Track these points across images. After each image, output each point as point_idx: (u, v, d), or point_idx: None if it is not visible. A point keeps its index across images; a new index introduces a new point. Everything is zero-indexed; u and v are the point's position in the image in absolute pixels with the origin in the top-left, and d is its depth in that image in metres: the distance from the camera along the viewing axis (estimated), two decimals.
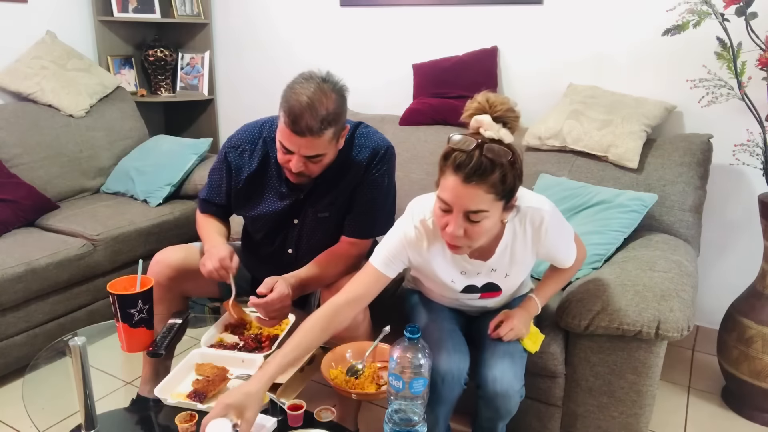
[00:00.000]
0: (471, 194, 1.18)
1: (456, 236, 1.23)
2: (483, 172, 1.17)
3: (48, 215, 2.48)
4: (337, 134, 1.45)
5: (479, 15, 2.54)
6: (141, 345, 1.46)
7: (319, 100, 1.36)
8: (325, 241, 1.63)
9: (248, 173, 1.61)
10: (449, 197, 1.21)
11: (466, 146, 1.18)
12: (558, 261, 1.50)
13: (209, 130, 3.45)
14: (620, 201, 1.90)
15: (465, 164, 1.17)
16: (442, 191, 1.23)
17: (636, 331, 1.49)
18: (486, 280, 1.46)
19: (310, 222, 1.63)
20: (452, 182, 1.19)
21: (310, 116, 1.35)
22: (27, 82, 2.69)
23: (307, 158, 1.44)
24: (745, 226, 2.25)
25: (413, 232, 1.38)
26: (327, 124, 1.38)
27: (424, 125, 2.52)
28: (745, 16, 1.77)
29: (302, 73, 1.44)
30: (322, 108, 1.36)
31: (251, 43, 3.20)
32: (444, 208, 1.24)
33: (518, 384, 1.40)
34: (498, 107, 1.23)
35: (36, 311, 2.11)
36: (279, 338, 1.51)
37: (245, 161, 1.62)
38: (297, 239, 1.66)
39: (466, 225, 1.22)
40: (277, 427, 1.24)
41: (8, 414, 1.92)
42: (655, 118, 2.12)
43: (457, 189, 1.19)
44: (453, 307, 1.63)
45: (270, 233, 1.68)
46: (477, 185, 1.17)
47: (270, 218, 1.64)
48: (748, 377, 1.90)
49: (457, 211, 1.21)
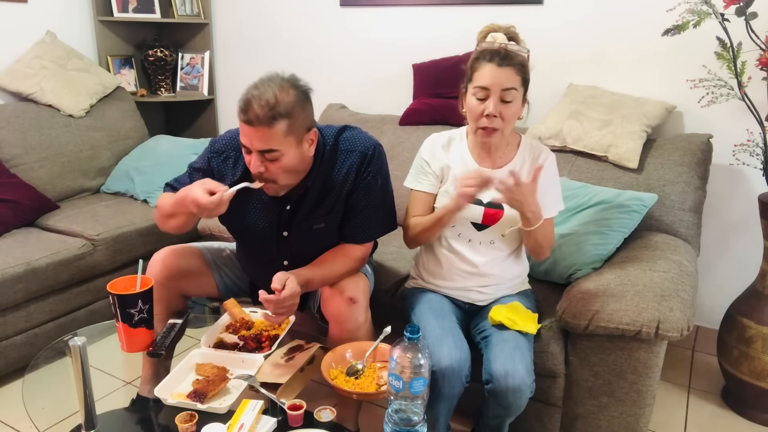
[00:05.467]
0: (506, 74, 1.45)
1: (493, 116, 1.46)
2: (512, 58, 1.46)
3: (48, 215, 2.48)
4: (295, 132, 1.40)
5: (479, 15, 2.54)
6: (141, 345, 1.46)
7: (271, 91, 1.36)
8: (322, 249, 1.61)
9: (231, 181, 1.54)
10: (487, 81, 1.46)
11: (495, 45, 1.48)
12: (543, 205, 1.52)
13: (209, 130, 3.45)
14: (620, 201, 1.90)
15: (496, 53, 1.46)
16: (478, 80, 1.47)
17: (636, 331, 1.49)
18: (492, 197, 1.55)
19: (304, 234, 1.59)
20: (488, 69, 1.46)
21: (259, 105, 1.35)
22: (27, 82, 2.69)
23: (263, 155, 1.40)
24: (745, 226, 2.25)
25: (427, 147, 1.66)
26: (279, 115, 1.35)
27: (424, 125, 2.52)
28: (745, 16, 1.77)
29: (267, 73, 1.45)
30: (273, 98, 1.35)
31: (251, 43, 3.20)
32: (480, 96, 1.48)
33: (530, 378, 1.41)
34: (505, 29, 1.54)
35: (36, 311, 2.11)
36: (279, 338, 1.51)
37: (228, 168, 1.58)
38: (292, 251, 1.64)
39: (501, 106, 1.46)
40: (277, 427, 1.24)
41: (8, 414, 1.92)
42: (655, 118, 2.12)
43: (493, 72, 1.45)
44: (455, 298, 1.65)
45: (259, 246, 1.64)
46: (509, 67, 1.45)
47: (257, 231, 1.60)
48: (748, 377, 1.90)
49: (494, 92, 1.46)
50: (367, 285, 1.61)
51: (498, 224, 1.59)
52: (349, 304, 1.52)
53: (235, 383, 1.35)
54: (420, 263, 1.74)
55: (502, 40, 1.49)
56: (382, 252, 2.07)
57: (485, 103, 1.47)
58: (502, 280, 1.65)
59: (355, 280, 1.57)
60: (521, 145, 1.62)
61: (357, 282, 1.57)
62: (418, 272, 1.75)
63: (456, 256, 1.63)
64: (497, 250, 1.62)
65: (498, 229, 1.59)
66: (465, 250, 1.61)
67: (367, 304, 1.57)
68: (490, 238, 1.60)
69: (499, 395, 1.41)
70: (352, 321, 1.52)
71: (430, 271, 1.69)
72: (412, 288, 1.75)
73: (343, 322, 1.53)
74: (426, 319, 1.54)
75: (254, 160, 1.42)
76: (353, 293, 1.53)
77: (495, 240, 1.61)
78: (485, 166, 1.60)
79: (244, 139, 1.41)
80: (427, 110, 2.53)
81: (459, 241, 1.62)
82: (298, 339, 1.56)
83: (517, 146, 1.62)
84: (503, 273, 1.65)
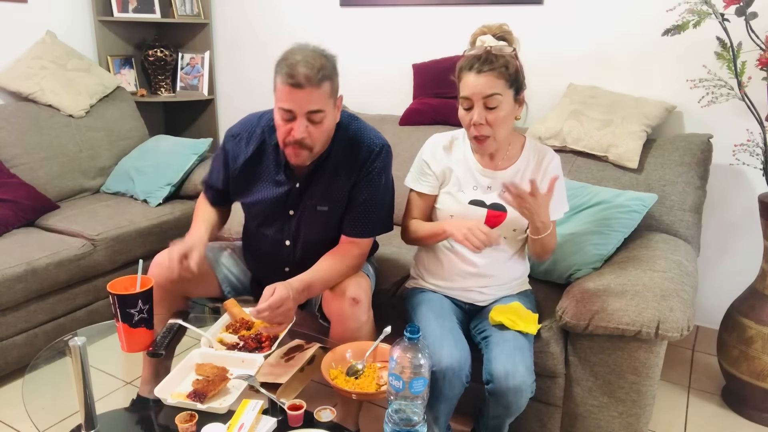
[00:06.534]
0: (484, 81, 1.43)
1: (479, 124, 1.45)
2: (491, 62, 1.43)
3: (48, 215, 2.48)
4: (334, 94, 1.49)
5: (479, 15, 2.55)
6: (141, 345, 1.46)
7: (312, 56, 1.44)
8: (323, 236, 1.64)
9: (244, 159, 1.64)
10: (469, 91, 1.45)
11: (477, 52, 1.45)
12: (551, 210, 1.52)
13: (209, 130, 3.45)
14: (620, 201, 1.90)
15: (477, 59, 1.44)
16: (462, 90, 1.47)
17: (636, 331, 1.49)
18: (495, 199, 1.57)
19: (308, 214, 1.63)
20: (469, 78, 1.45)
21: (306, 67, 1.40)
22: (27, 82, 2.69)
23: (310, 118, 1.44)
24: (745, 226, 2.25)
25: (428, 148, 1.64)
26: (325, 76, 1.43)
27: (424, 125, 2.52)
28: (745, 16, 1.77)
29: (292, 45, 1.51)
30: (317, 61, 1.43)
31: (251, 43, 3.20)
32: (466, 105, 1.48)
33: (530, 378, 1.42)
34: (495, 29, 1.50)
35: (36, 311, 2.11)
36: (279, 338, 1.51)
37: (242, 148, 1.66)
38: (295, 231, 1.67)
39: (486, 113, 1.45)
40: (277, 427, 1.24)
41: (8, 414, 1.92)
42: (655, 118, 2.12)
43: (473, 81, 1.44)
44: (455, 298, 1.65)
45: (266, 222, 1.68)
46: (488, 73, 1.43)
47: (266, 205, 1.65)
48: (748, 377, 1.90)
49: (476, 100, 1.44)
50: (368, 285, 1.62)
51: (501, 226, 1.58)
52: (351, 303, 1.53)
53: (235, 383, 1.35)
54: (420, 263, 1.74)
55: (489, 43, 1.46)
56: (382, 252, 2.07)
57: (471, 113, 1.47)
58: (503, 280, 1.65)
59: (357, 280, 1.58)
60: (525, 147, 1.61)
61: (359, 282, 1.57)
62: (419, 272, 1.75)
63: (457, 256, 1.63)
64: (500, 251, 1.62)
65: (501, 231, 1.59)
66: (467, 251, 1.60)
67: (369, 303, 1.58)
68: None
69: (499, 395, 1.41)
70: (354, 320, 1.53)
71: (431, 271, 1.69)
72: (412, 288, 1.75)
73: (346, 321, 1.53)
74: (426, 320, 1.54)
75: (299, 126, 1.45)
76: (356, 293, 1.53)
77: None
78: (488, 168, 1.59)
79: (290, 103, 1.43)
80: (427, 110, 2.53)
81: None
82: (298, 339, 1.55)
83: (521, 147, 1.61)
84: (504, 274, 1.64)
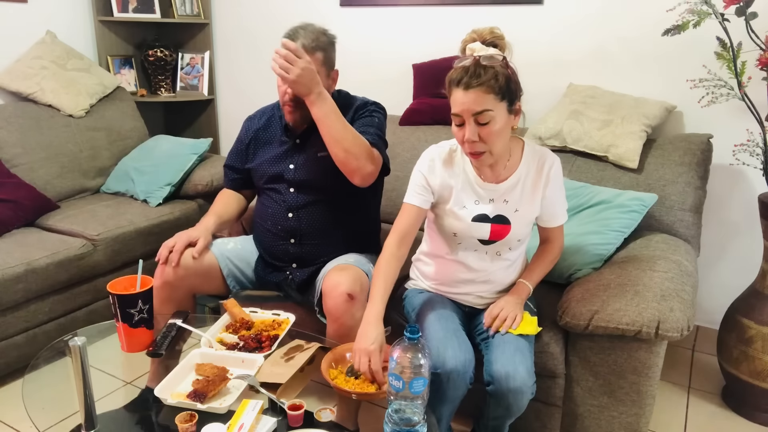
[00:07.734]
0: (473, 97, 1.36)
1: (472, 141, 1.39)
2: (478, 76, 1.35)
3: (48, 215, 2.48)
4: (327, 64, 1.71)
5: (479, 15, 2.55)
6: (141, 345, 1.46)
7: (311, 28, 1.69)
8: (322, 183, 1.75)
9: (255, 129, 1.90)
10: (458, 108, 1.39)
11: (464, 64, 1.38)
12: (555, 214, 1.60)
13: (209, 130, 3.45)
14: (620, 201, 1.90)
15: (465, 73, 1.37)
16: (452, 106, 1.41)
17: (636, 331, 1.49)
18: (498, 211, 1.54)
19: (309, 162, 1.76)
20: (458, 95, 1.38)
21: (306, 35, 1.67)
22: (27, 82, 2.69)
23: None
24: (745, 226, 2.25)
25: (426, 161, 1.56)
26: (318, 47, 1.67)
27: (424, 125, 2.52)
28: (745, 16, 1.77)
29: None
30: (314, 31, 1.68)
31: (251, 43, 3.20)
32: (457, 122, 1.42)
33: (531, 380, 1.41)
34: (485, 35, 1.44)
35: (36, 311, 2.11)
36: (279, 338, 1.51)
37: (254, 124, 1.92)
38: (296, 178, 1.77)
39: (478, 129, 1.39)
40: (277, 427, 1.24)
41: (8, 414, 1.92)
42: (655, 118, 2.12)
43: (461, 98, 1.37)
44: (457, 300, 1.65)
45: (270, 181, 1.81)
46: (476, 88, 1.35)
47: (271, 162, 1.82)
48: (748, 377, 1.90)
49: (467, 117, 1.38)
50: (367, 282, 1.62)
51: (505, 239, 1.56)
52: (347, 299, 1.54)
53: (235, 383, 1.35)
54: (418, 266, 1.74)
55: (479, 51, 1.39)
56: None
57: (463, 129, 1.41)
58: (504, 285, 1.64)
59: (355, 276, 1.58)
60: (525, 153, 1.55)
61: (357, 278, 1.58)
62: (417, 274, 1.74)
63: (458, 263, 1.61)
64: (503, 260, 1.60)
65: (505, 243, 1.57)
66: (469, 259, 1.59)
67: (366, 301, 1.58)
68: (497, 250, 1.58)
69: (500, 397, 1.41)
70: (349, 317, 1.54)
71: (430, 275, 1.69)
72: (412, 288, 1.75)
73: (341, 317, 1.54)
74: (429, 321, 1.54)
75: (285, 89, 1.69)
76: (352, 288, 1.54)
77: (501, 251, 1.59)
78: (489, 180, 1.54)
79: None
80: (427, 110, 2.53)
81: (464, 250, 1.60)
82: (298, 339, 1.56)
83: (520, 153, 1.55)
84: (505, 279, 1.63)
